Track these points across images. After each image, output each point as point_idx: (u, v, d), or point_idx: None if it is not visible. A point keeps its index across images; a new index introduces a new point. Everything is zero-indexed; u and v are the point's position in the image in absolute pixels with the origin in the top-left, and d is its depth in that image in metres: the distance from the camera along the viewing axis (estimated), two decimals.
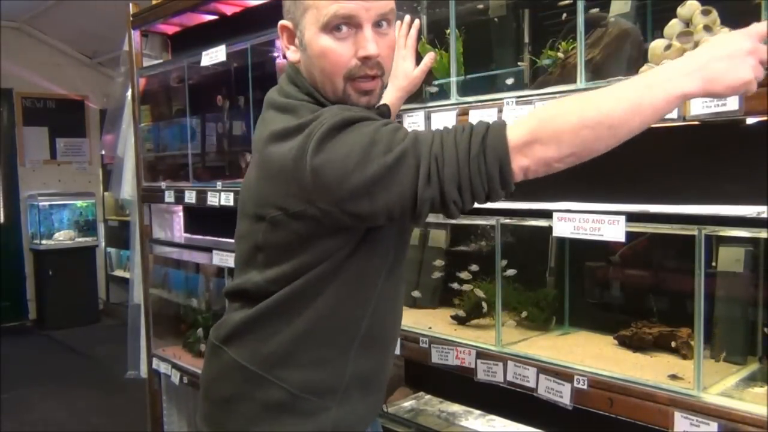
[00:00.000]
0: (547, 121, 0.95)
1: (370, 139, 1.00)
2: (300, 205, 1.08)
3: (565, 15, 1.44)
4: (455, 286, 1.77)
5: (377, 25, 1.11)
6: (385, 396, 1.37)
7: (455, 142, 0.98)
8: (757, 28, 0.94)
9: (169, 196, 2.66)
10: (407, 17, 1.64)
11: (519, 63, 1.63)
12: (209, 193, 2.38)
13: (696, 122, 1.14)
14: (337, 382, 1.18)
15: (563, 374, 1.36)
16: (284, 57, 1.22)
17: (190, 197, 2.51)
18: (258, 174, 1.17)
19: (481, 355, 1.52)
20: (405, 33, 1.63)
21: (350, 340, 1.19)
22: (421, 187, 0.98)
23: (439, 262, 1.89)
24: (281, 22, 1.18)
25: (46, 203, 6.55)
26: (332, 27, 1.09)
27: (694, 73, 0.91)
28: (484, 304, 1.71)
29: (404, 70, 1.60)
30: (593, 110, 0.92)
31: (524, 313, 1.64)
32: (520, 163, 0.96)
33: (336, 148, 1.02)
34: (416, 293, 1.91)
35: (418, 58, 1.62)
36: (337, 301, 1.15)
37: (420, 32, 1.66)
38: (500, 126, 0.98)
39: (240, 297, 1.24)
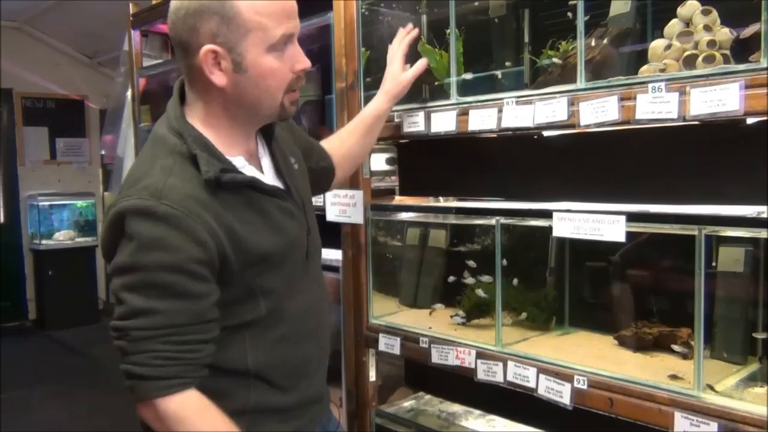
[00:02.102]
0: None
1: (136, 264, 1.06)
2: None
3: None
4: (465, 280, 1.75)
5: None
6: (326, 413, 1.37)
7: (135, 350, 1.08)
8: None
9: None
10: (410, 25, 1.63)
11: (507, 63, 1.62)
12: None
13: (696, 122, 1.14)
14: (241, 409, 1.18)
15: (563, 374, 1.36)
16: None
17: None
18: None
19: (481, 355, 1.52)
20: (401, 38, 1.62)
21: (242, 376, 1.19)
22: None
23: (472, 263, 1.79)
24: (207, 47, 1.11)
25: (46, 203, 6.55)
26: (279, 46, 1.13)
27: None
28: (461, 312, 1.71)
29: (391, 73, 1.59)
30: None
31: (524, 315, 1.64)
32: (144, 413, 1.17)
33: (128, 232, 1.07)
34: (439, 305, 1.86)
35: (418, 59, 1.62)
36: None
37: (420, 33, 1.66)
38: (165, 387, 1.10)
39: None
